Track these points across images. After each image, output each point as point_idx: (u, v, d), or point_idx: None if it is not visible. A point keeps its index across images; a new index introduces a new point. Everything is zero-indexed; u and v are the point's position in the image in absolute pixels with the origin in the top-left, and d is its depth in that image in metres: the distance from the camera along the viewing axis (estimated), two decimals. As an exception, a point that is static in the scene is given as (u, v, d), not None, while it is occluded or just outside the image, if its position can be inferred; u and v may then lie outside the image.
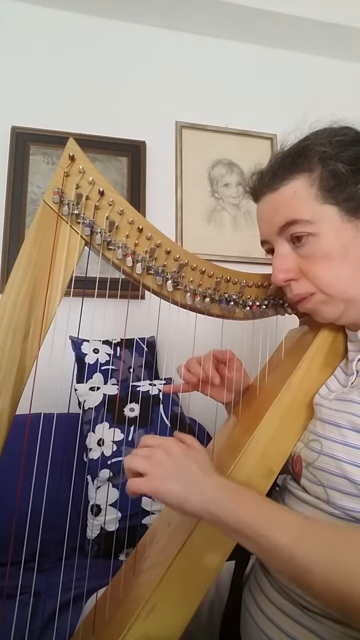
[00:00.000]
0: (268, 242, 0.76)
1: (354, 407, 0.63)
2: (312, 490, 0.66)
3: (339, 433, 0.63)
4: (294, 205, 0.69)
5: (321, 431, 0.66)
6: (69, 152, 0.71)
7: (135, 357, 1.60)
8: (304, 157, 0.68)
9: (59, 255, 0.70)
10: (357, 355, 0.71)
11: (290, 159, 0.70)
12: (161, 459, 0.61)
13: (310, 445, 0.68)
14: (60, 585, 0.97)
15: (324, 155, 0.67)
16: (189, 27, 1.98)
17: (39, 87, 1.81)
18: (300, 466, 0.69)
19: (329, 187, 0.67)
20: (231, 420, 0.87)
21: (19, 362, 0.69)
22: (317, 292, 0.71)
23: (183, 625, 0.62)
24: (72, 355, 1.54)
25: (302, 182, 0.68)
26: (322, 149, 0.67)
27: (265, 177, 0.73)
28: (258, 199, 0.76)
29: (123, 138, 1.85)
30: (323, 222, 0.67)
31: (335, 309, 0.71)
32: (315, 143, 0.68)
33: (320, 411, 0.69)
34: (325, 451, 0.64)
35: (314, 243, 0.68)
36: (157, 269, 0.75)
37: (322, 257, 0.68)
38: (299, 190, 0.68)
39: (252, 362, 0.89)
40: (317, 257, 0.69)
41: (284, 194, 0.70)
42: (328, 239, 0.67)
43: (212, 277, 0.78)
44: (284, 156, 0.71)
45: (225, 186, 1.95)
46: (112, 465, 1.28)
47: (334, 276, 0.68)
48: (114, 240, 0.73)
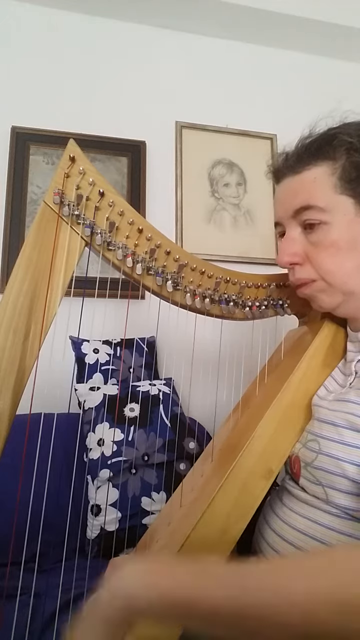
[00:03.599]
0: (281, 225, 0.76)
1: (351, 407, 0.64)
2: (311, 490, 0.66)
3: (337, 432, 0.63)
4: (312, 191, 0.69)
5: (319, 431, 0.67)
6: (70, 153, 0.71)
7: (135, 357, 1.60)
8: (330, 145, 0.69)
9: (60, 256, 0.71)
10: (356, 356, 0.72)
11: (317, 145, 0.70)
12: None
13: (309, 445, 0.68)
14: (61, 585, 0.97)
15: (350, 146, 0.68)
16: (189, 27, 1.98)
17: (39, 87, 1.80)
18: (299, 466, 0.69)
19: (350, 178, 0.67)
20: (231, 421, 0.87)
21: (19, 363, 0.69)
22: (318, 280, 0.72)
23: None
24: (72, 356, 1.54)
25: (324, 170, 0.69)
26: (349, 140, 0.68)
27: (290, 159, 0.74)
28: (279, 180, 0.76)
29: (123, 138, 1.84)
30: (337, 212, 0.68)
31: (333, 299, 0.72)
32: (344, 133, 0.69)
33: (318, 411, 0.69)
34: (324, 450, 0.64)
35: (324, 231, 0.69)
36: (157, 269, 0.75)
37: (330, 245, 0.69)
38: (320, 176, 0.69)
39: (251, 363, 0.89)
40: (325, 245, 0.69)
41: (304, 178, 0.70)
42: (339, 229, 0.68)
43: (211, 278, 0.78)
44: (312, 141, 0.71)
45: (225, 186, 1.95)
46: (112, 465, 1.28)
47: (338, 266, 0.69)
48: (114, 241, 0.73)
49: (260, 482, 0.69)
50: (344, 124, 0.72)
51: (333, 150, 0.68)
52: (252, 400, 0.83)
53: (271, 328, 0.88)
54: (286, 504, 0.71)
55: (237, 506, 0.67)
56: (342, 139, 0.68)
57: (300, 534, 0.66)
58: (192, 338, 0.86)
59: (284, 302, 0.83)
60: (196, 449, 1.36)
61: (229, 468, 0.68)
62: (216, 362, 0.99)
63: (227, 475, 0.67)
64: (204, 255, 0.80)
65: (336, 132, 0.69)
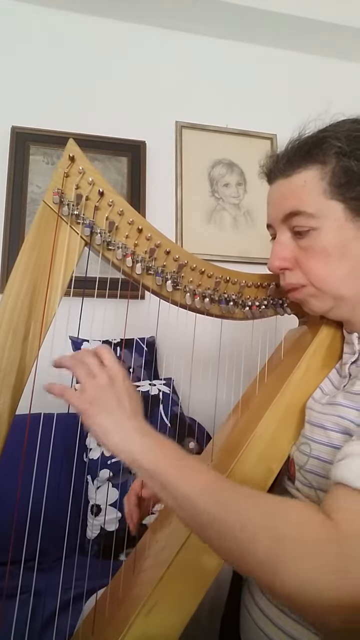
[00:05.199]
0: (272, 227, 0.76)
1: (340, 409, 0.63)
2: (305, 492, 0.67)
3: (326, 435, 0.63)
4: (302, 195, 0.68)
5: (310, 434, 0.67)
6: (69, 153, 0.71)
7: (135, 357, 1.60)
8: (319, 148, 0.67)
9: (59, 256, 0.71)
10: (350, 358, 0.71)
11: (307, 148, 0.69)
12: (103, 384, 0.61)
13: (301, 448, 0.68)
14: (60, 585, 0.98)
15: (339, 151, 0.66)
16: (189, 27, 1.98)
17: (39, 87, 1.80)
18: (294, 469, 0.69)
19: (340, 183, 0.66)
20: (231, 420, 0.87)
21: (19, 362, 0.69)
22: (308, 285, 0.71)
23: (182, 625, 0.62)
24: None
25: (313, 174, 0.67)
26: (338, 144, 0.66)
27: (280, 161, 0.72)
28: (271, 181, 0.75)
29: (123, 138, 1.84)
30: (327, 217, 0.67)
31: (324, 304, 0.71)
32: (332, 137, 0.67)
33: (310, 414, 0.69)
34: (314, 454, 0.64)
35: (314, 237, 0.68)
36: (156, 269, 0.75)
37: (319, 252, 0.68)
38: (310, 181, 0.67)
39: (251, 362, 0.89)
40: (315, 251, 0.68)
41: (294, 182, 0.69)
42: (328, 236, 0.67)
43: (211, 278, 0.78)
44: (301, 144, 0.70)
45: (225, 186, 1.95)
46: (112, 465, 1.29)
47: (327, 273, 0.68)
48: (113, 241, 0.73)
49: (260, 482, 0.69)
50: (333, 124, 0.70)
51: (323, 153, 0.67)
52: (252, 400, 0.83)
53: (271, 328, 0.87)
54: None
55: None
56: (331, 142, 0.66)
57: None
58: (192, 338, 0.86)
59: (283, 301, 0.83)
60: (196, 449, 1.36)
61: (229, 468, 0.68)
62: (216, 362, 0.99)
63: (226, 476, 0.67)
64: (204, 255, 0.80)
65: (325, 136, 0.68)
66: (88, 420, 0.59)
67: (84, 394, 0.60)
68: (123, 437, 0.58)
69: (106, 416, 0.59)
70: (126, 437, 0.58)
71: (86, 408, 0.59)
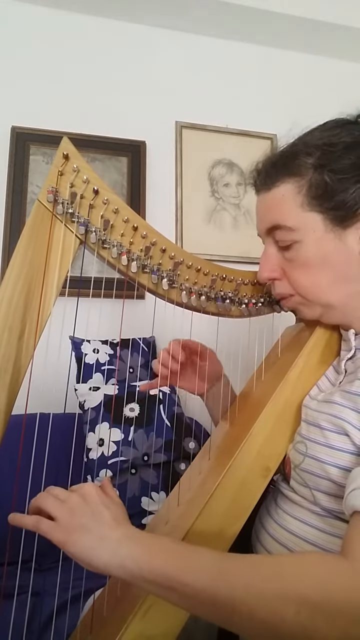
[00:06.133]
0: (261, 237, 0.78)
1: (335, 408, 0.63)
2: (300, 492, 0.66)
3: (322, 435, 0.63)
4: (281, 209, 0.69)
5: (306, 433, 0.66)
6: (63, 151, 0.71)
7: (134, 357, 1.59)
8: (294, 161, 0.68)
9: (54, 254, 0.71)
10: (347, 354, 0.71)
11: (282, 162, 0.70)
12: (75, 505, 0.56)
13: (297, 447, 0.68)
14: (59, 585, 0.97)
15: (314, 163, 0.66)
16: (189, 27, 1.98)
17: (38, 87, 1.81)
18: (289, 468, 0.69)
19: (316, 194, 0.66)
20: (228, 418, 0.87)
21: (14, 362, 0.69)
22: (296, 295, 0.73)
23: (181, 624, 0.61)
24: (68, 355, 1.54)
25: (291, 187, 0.68)
26: (309, 160, 0.67)
27: (260, 174, 0.74)
28: (257, 193, 0.77)
29: (123, 138, 1.85)
30: (307, 230, 0.68)
31: (313, 312, 0.73)
32: (303, 151, 0.67)
33: (306, 413, 0.69)
34: (310, 453, 0.64)
35: (296, 249, 0.69)
36: (152, 267, 0.75)
37: (303, 263, 0.69)
38: (287, 194, 0.68)
39: (248, 360, 0.89)
40: (299, 263, 0.70)
41: (274, 195, 0.70)
42: (310, 247, 0.68)
43: (207, 275, 0.78)
44: (277, 157, 0.71)
45: (225, 186, 1.95)
46: (112, 465, 1.28)
47: (310, 283, 0.70)
48: (108, 239, 0.72)
49: (258, 481, 0.68)
50: (303, 136, 0.70)
51: (298, 167, 0.67)
52: (250, 398, 0.83)
53: (268, 325, 0.87)
54: (279, 505, 0.71)
55: (235, 504, 0.66)
56: (303, 159, 0.67)
57: (292, 535, 0.65)
58: (189, 336, 0.86)
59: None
60: (196, 449, 1.36)
61: (226, 466, 0.67)
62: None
63: (224, 473, 0.66)
64: (204, 256, 0.80)
65: (297, 151, 0.68)
66: (70, 549, 0.53)
67: (60, 521, 0.55)
68: (111, 552, 0.52)
69: (87, 536, 0.53)
70: (115, 550, 0.52)
71: (65, 538, 0.53)
